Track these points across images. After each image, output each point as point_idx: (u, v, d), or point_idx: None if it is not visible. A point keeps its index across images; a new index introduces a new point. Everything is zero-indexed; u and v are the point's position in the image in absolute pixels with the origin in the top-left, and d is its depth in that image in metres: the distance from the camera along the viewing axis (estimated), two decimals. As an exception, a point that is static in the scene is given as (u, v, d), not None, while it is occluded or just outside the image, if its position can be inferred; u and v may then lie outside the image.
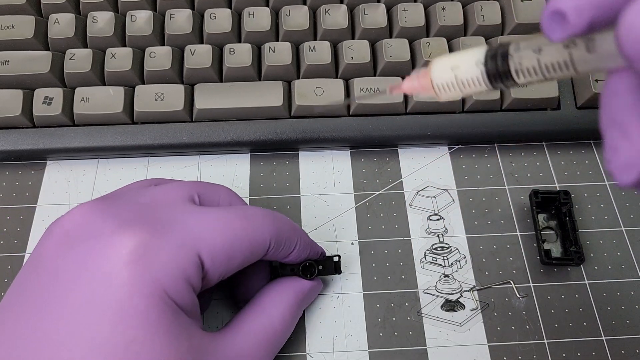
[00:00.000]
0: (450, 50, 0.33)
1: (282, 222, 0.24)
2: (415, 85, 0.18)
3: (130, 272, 0.19)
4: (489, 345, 0.28)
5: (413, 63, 0.33)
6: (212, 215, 0.22)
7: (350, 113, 0.33)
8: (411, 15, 0.34)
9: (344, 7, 0.34)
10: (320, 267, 0.27)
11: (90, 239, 0.20)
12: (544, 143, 0.34)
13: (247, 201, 0.32)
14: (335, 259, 0.28)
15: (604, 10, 0.13)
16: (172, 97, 0.32)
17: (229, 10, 0.33)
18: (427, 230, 0.31)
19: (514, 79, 0.16)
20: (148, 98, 0.32)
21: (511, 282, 0.29)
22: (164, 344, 0.19)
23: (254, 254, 0.22)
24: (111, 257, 0.19)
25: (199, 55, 0.32)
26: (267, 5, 0.35)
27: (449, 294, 0.29)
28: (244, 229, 0.22)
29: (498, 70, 0.16)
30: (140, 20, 0.33)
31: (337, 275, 0.29)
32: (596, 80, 0.32)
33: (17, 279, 0.21)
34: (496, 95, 0.32)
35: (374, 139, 0.33)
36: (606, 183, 0.33)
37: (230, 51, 0.32)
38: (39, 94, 0.32)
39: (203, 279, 0.21)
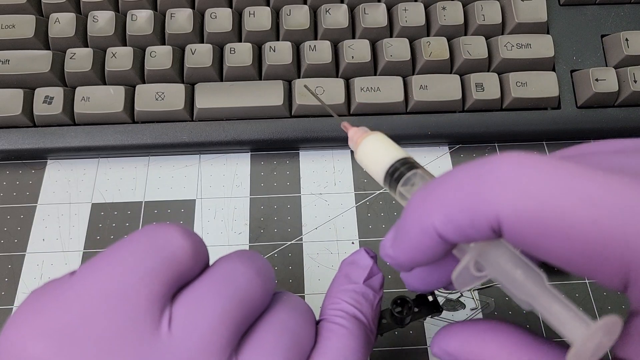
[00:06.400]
0: (451, 50, 0.33)
1: None
2: (353, 139, 0.22)
3: None
4: (489, 345, 0.28)
5: (413, 62, 0.33)
6: None
7: (351, 112, 0.33)
8: (412, 15, 0.34)
9: (344, 6, 0.34)
10: (416, 310, 0.22)
11: None
12: (544, 142, 0.34)
13: (247, 200, 0.32)
14: (430, 298, 0.23)
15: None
16: (172, 96, 0.32)
17: (229, 9, 0.33)
18: (428, 229, 0.31)
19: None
20: (148, 97, 0.32)
21: (511, 281, 0.29)
22: None
23: None
24: None
25: (200, 55, 0.32)
26: (268, 5, 0.35)
27: (449, 293, 0.29)
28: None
29: (391, 183, 0.20)
30: (141, 20, 0.33)
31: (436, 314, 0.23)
32: (596, 80, 0.32)
33: None
34: (497, 94, 0.32)
35: (375, 139, 0.33)
36: (606, 183, 0.32)
37: (230, 50, 0.32)
38: (40, 93, 0.32)
39: None
